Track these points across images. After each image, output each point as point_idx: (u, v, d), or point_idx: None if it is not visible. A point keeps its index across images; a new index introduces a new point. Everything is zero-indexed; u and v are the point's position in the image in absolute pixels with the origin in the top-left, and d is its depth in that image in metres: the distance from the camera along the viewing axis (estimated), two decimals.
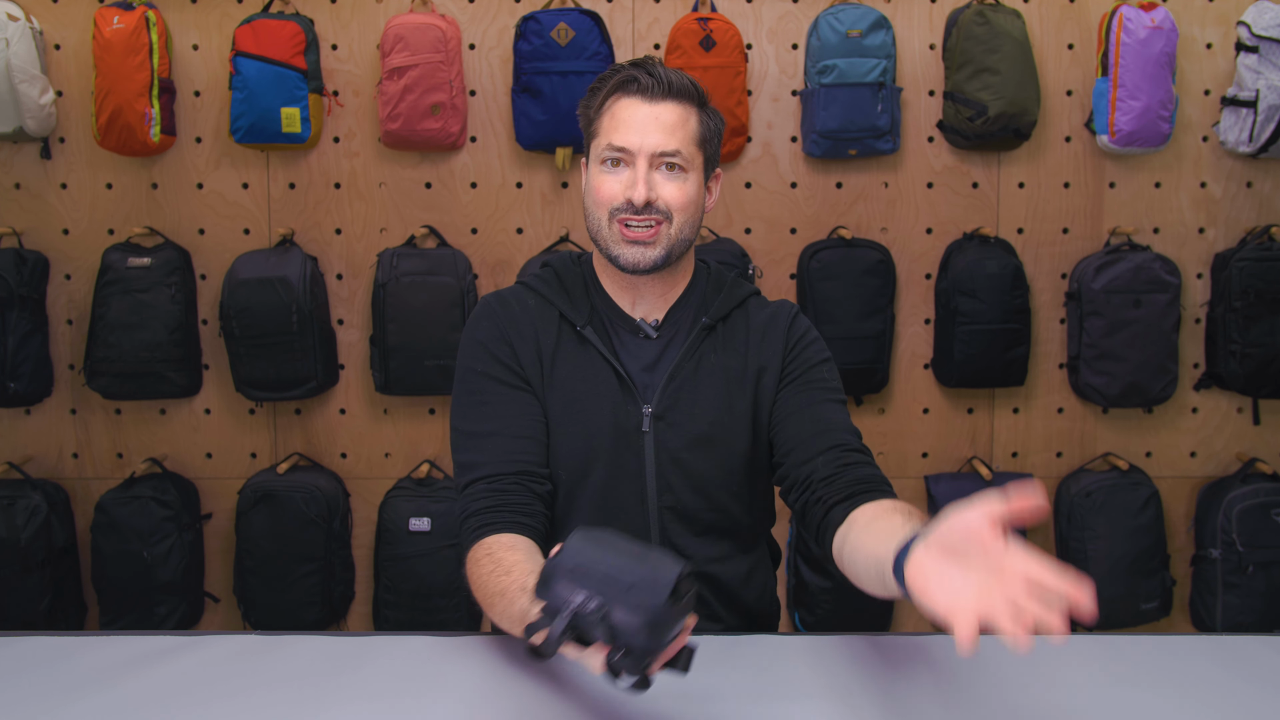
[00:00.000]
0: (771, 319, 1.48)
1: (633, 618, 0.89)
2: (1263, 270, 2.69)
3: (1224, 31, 2.77)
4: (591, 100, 1.44)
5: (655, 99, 1.39)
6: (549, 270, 1.53)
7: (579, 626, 0.90)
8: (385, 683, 1.20)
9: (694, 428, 1.42)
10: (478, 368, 1.43)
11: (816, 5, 2.74)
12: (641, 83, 1.39)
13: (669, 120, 1.38)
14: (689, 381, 1.43)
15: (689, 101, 1.41)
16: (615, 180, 1.39)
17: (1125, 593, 2.73)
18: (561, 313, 1.45)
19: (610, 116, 1.40)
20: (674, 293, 1.48)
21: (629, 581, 0.90)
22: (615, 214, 1.38)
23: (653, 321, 1.47)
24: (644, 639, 0.89)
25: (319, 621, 2.73)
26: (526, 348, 1.43)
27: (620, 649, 0.90)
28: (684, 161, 1.39)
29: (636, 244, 1.38)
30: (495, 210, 2.81)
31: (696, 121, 1.41)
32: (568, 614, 0.90)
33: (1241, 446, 2.87)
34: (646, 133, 1.37)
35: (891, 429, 2.87)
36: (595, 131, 1.43)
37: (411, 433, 2.86)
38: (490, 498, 1.34)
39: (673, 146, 1.37)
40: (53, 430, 2.88)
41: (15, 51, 2.60)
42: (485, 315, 1.47)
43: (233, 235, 2.82)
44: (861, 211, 2.82)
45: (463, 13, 2.77)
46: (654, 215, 1.37)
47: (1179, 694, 1.15)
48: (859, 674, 1.21)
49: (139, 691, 1.17)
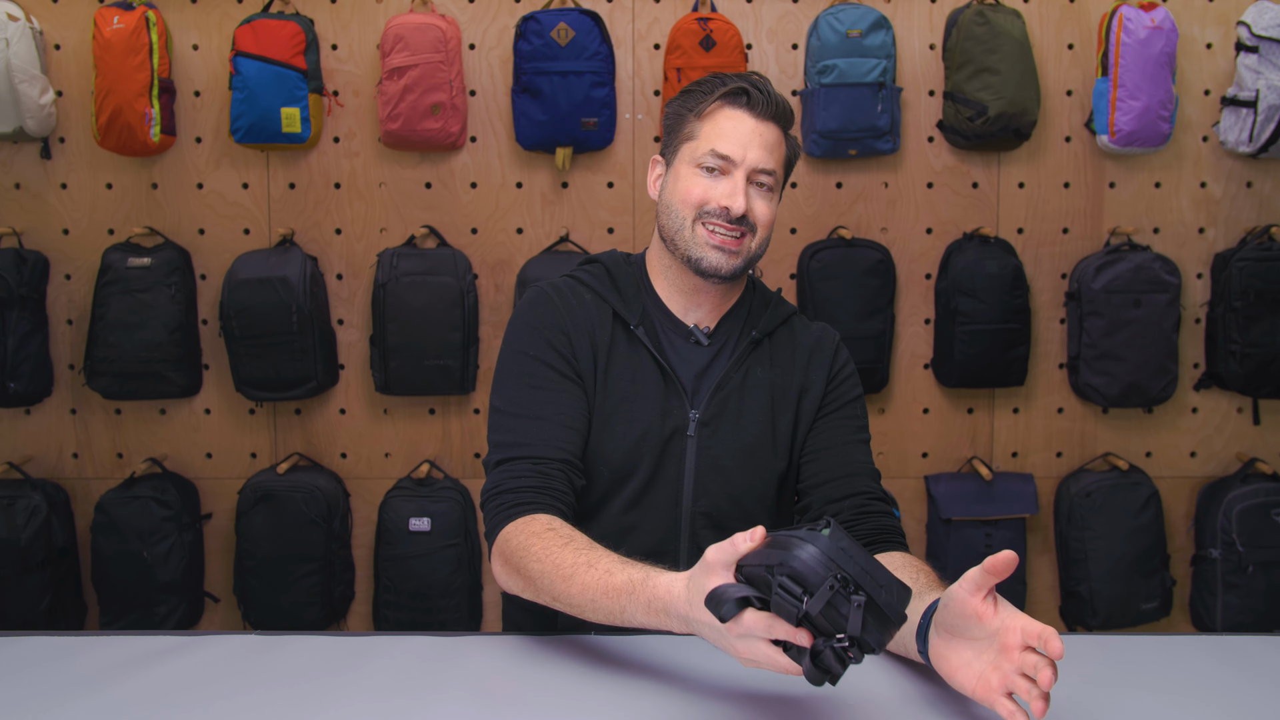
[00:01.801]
0: (818, 343, 1.53)
1: (886, 613, 0.90)
2: (1263, 270, 2.69)
3: (1224, 31, 2.77)
4: (690, 101, 1.46)
5: (762, 117, 1.42)
6: (599, 267, 1.54)
7: (836, 607, 0.90)
8: (385, 683, 1.20)
9: (738, 438, 1.45)
10: (531, 351, 1.44)
11: (816, 5, 2.74)
12: (752, 98, 1.41)
13: (771, 139, 1.42)
14: (736, 392, 1.46)
15: (786, 126, 1.46)
16: (712, 185, 1.41)
17: (1125, 593, 2.73)
18: (615, 311, 1.47)
19: (714, 123, 1.42)
20: (728, 303, 1.51)
21: (885, 580, 0.92)
22: (703, 217, 1.41)
23: (705, 328, 1.49)
24: (880, 637, 0.91)
25: (319, 621, 2.73)
26: (582, 341, 1.45)
27: (845, 640, 0.90)
28: (774, 182, 1.44)
29: (722, 250, 1.41)
30: (495, 210, 2.81)
31: (786, 145, 1.46)
32: (831, 589, 0.89)
33: (1241, 446, 2.87)
34: (751, 147, 1.40)
35: (891, 429, 2.87)
36: (693, 134, 1.44)
37: (411, 433, 2.86)
38: (536, 478, 1.35)
39: (771, 165, 1.42)
40: (53, 430, 2.88)
41: (15, 51, 2.60)
42: (543, 303, 1.47)
43: (233, 235, 2.82)
44: (861, 211, 2.82)
45: (463, 13, 2.77)
46: (743, 227, 1.41)
47: (1179, 694, 1.15)
48: (859, 674, 1.21)
49: (139, 691, 1.17)
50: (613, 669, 1.21)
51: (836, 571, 0.90)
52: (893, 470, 2.87)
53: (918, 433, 2.87)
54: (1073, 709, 1.12)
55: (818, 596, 0.89)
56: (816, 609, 0.89)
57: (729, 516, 1.44)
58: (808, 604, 0.90)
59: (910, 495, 2.87)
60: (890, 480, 2.84)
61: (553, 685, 1.18)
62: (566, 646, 1.28)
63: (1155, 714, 1.11)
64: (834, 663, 0.91)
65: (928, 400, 2.87)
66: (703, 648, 1.25)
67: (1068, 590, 2.79)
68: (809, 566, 0.90)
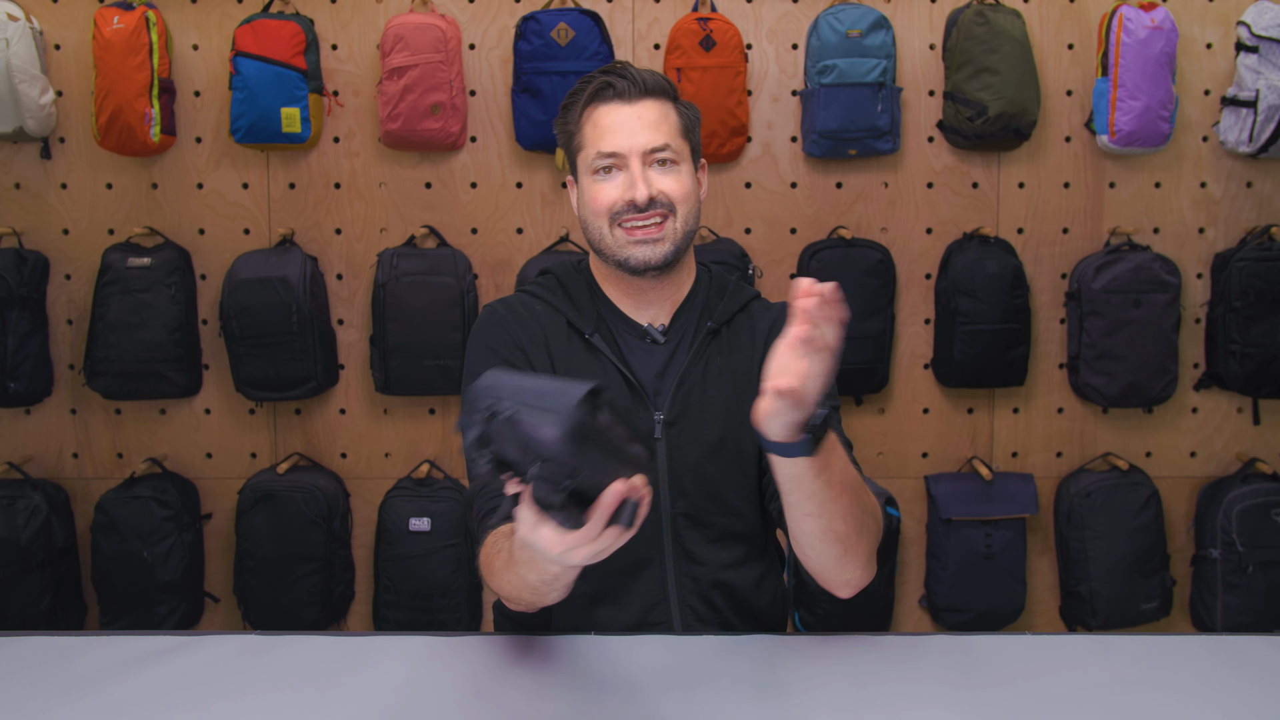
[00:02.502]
0: (776, 321, 1.48)
1: (543, 420, 0.87)
2: (1263, 270, 2.69)
3: (1224, 31, 2.77)
4: (568, 115, 1.45)
5: (634, 99, 1.40)
6: (550, 277, 1.52)
7: (492, 439, 0.89)
8: (385, 683, 1.19)
9: (706, 433, 1.42)
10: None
11: (816, 5, 2.74)
12: (617, 87, 1.40)
13: (652, 117, 1.40)
14: (698, 386, 1.43)
15: (665, 97, 1.43)
16: (611, 186, 1.40)
17: (1125, 593, 2.73)
18: (569, 320, 1.45)
19: (593, 126, 1.41)
20: (679, 295, 1.48)
21: (542, 390, 0.90)
22: (617, 218, 1.39)
23: (659, 326, 1.47)
24: (555, 445, 0.87)
25: (319, 621, 2.73)
26: (539, 354, 1.43)
27: (535, 459, 0.89)
28: (674, 154, 1.40)
29: (645, 243, 1.39)
30: (495, 210, 2.81)
31: (676, 114, 1.43)
32: (478, 425, 0.89)
33: (1241, 446, 2.87)
34: (634, 133, 1.39)
35: (891, 429, 2.87)
36: (580, 144, 1.44)
37: (411, 433, 2.86)
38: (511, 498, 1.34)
39: (661, 141, 1.39)
40: (53, 430, 2.88)
41: (15, 51, 2.60)
42: (494, 321, 1.46)
43: (233, 235, 2.82)
44: (861, 211, 2.82)
45: (463, 13, 2.77)
46: (658, 210, 1.39)
47: (1179, 694, 1.15)
48: (859, 674, 1.21)
49: (139, 691, 1.17)
50: (612, 669, 1.21)
51: (485, 410, 0.90)
52: (893, 470, 2.87)
53: (918, 433, 2.87)
54: (1073, 709, 1.12)
55: (468, 434, 0.90)
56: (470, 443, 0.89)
57: (710, 513, 1.42)
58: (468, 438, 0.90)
59: (910, 495, 2.87)
60: (890, 480, 2.85)
61: (552, 685, 1.18)
62: (566, 646, 1.28)
63: (1155, 714, 1.11)
64: (545, 491, 0.90)
65: (928, 400, 2.87)
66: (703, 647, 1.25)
67: (1068, 590, 2.79)
68: (467, 414, 0.91)
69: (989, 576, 2.75)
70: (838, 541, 1.22)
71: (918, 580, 2.89)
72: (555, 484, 0.90)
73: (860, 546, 1.25)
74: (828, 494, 1.18)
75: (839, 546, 1.23)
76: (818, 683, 1.18)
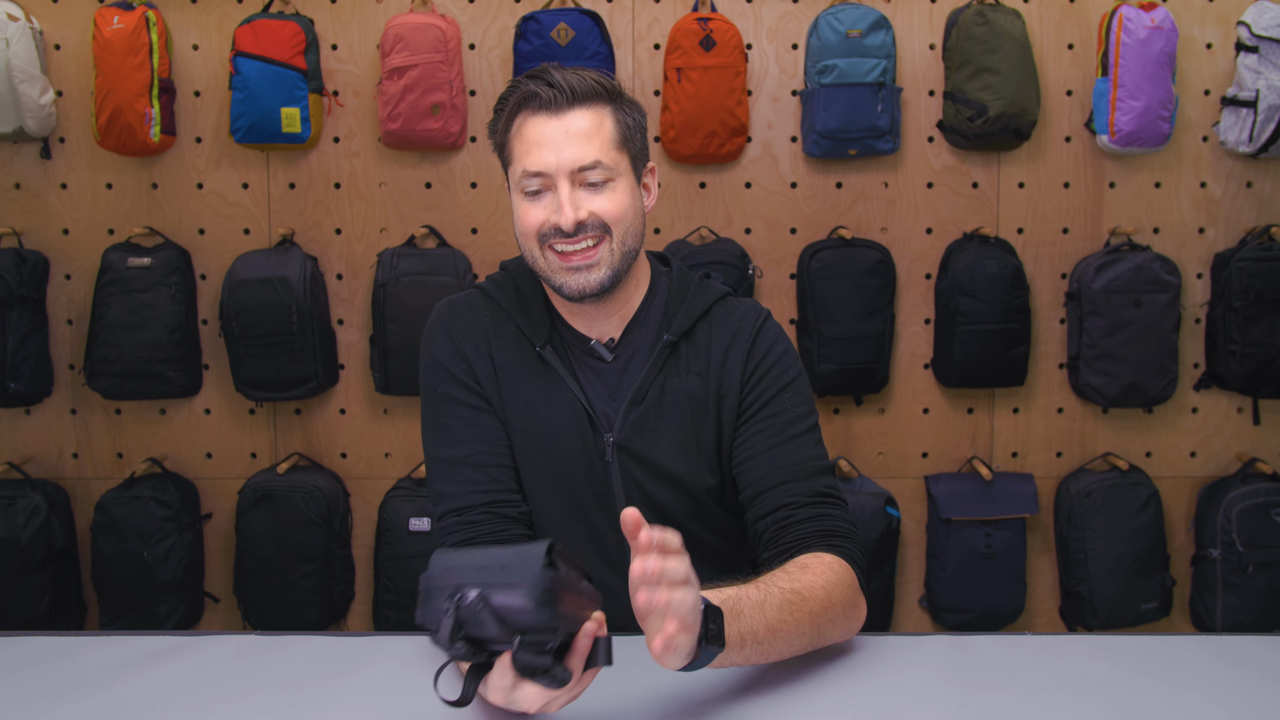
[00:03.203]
0: (734, 337, 1.36)
1: (514, 594, 0.87)
2: (1263, 270, 2.69)
3: (1224, 31, 2.77)
4: (495, 124, 1.33)
5: (561, 110, 1.26)
6: (507, 278, 1.41)
7: (466, 624, 0.88)
8: (385, 683, 1.20)
9: (657, 460, 1.34)
10: (438, 388, 1.37)
11: (816, 5, 2.74)
12: (542, 96, 1.26)
13: (582, 129, 1.26)
14: (653, 409, 1.34)
15: (599, 102, 1.28)
16: (539, 207, 1.28)
17: (1125, 593, 2.73)
18: (519, 328, 1.37)
19: (519, 140, 1.28)
20: (629, 308, 1.37)
21: (500, 563, 0.89)
22: (545, 240, 1.28)
23: (608, 341, 1.36)
24: (533, 614, 0.87)
25: (319, 621, 2.73)
26: (483, 364, 1.36)
27: (516, 636, 0.88)
28: (607, 170, 1.27)
29: (578, 269, 1.27)
30: (495, 210, 2.81)
31: (612, 122, 1.29)
32: (450, 613, 0.87)
33: (1241, 446, 2.87)
34: (561, 149, 1.25)
35: (891, 429, 2.87)
36: (509, 158, 1.31)
37: (411, 433, 2.86)
38: (462, 531, 1.30)
39: (591, 158, 1.26)
40: (53, 430, 2.88)
41: (15, 51, 2.60)
42: (439, 329, 1.39)
43: (233, 235, 2.82)
44: (861, 211, 2.82)
45: (463, 13, 2.77)
46: (589, 234, 1.27)
47: (1179, 694, 1.15)
48: (859, 674, 1.21)
49: (139, 691, 1.17)
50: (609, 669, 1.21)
51: (447, 596, 0.89)
52: (893, 470, 2.87)
53: (918, 433, 2.87)
54: (1073, 709, 1.12)
55: (443, 629, 0.88)
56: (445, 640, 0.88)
57: None
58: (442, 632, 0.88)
59: (910, 495, 2.87)
60: (890, 480, 2.85)
61: None
62: None
63: (1155, 714, 1.11)
64: (532, 659, 0.90)
65: (928, 400, 2.87)
66: None
67: (1068, 590, 2.79)
68: (427, 612, 0.90)
69: (989, 576, 2.75)
70: (806, 646, 1.18)
71: (918, 580, 2.89)
72: (539, 649, 0.90)
73: (831, 627, 1.20)
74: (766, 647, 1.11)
75: (808, 645, 1.18)
76: (817, 682, 1.18)
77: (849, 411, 2.83)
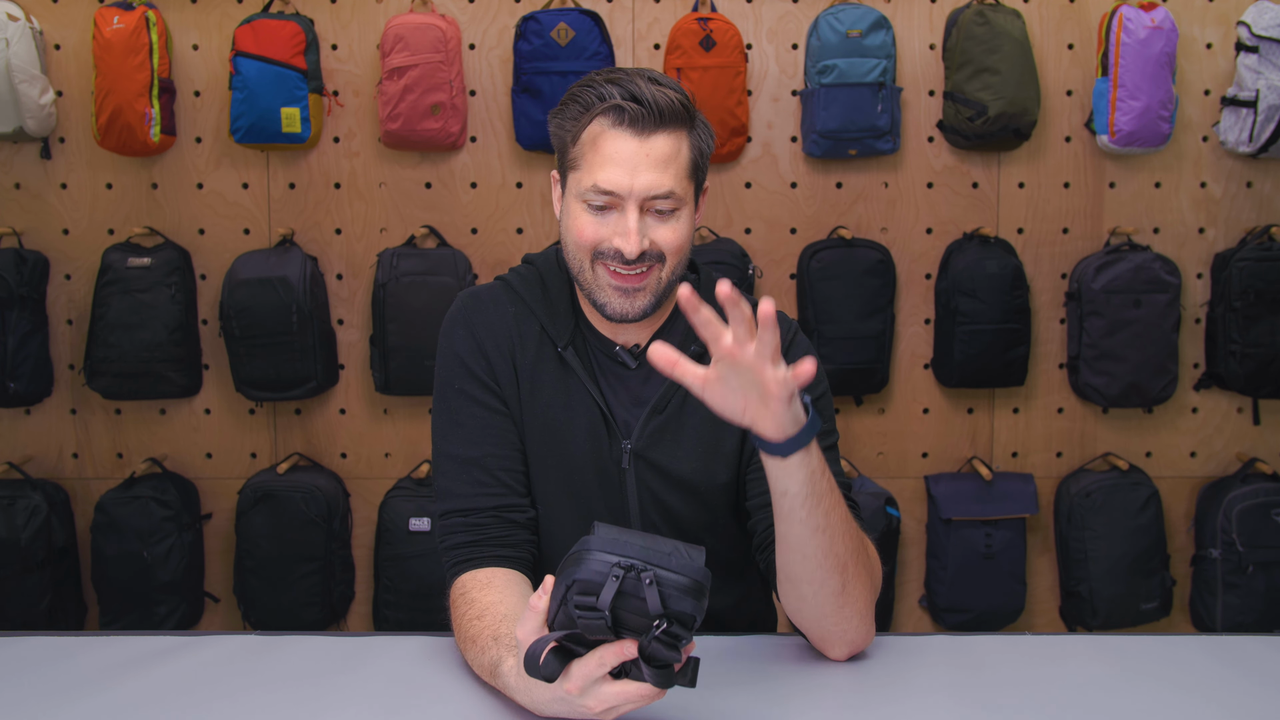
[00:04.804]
0: None
1: (679, 580, 0.88)
2: (1263, 270, 2.69)
3: (1224, 31, 2.77)
4: (567, 121, 1.27)
5: (645, 131, 1.22)
6: (533, 272, 1.38)
7: (628, 593, 0.88)
8: (385, 683, 1.20)
9: (676, 470, 1.32)
10: (455, 384, 1.34)
11: (816, 5, 2.74)
12: (630, 113, 1.21)
13: (662, 154, 1.22)
14: (674, 419, 1.32)
15: (681, 126, 1.25)
16: (601, 224, 1.24)
17: (1125, 593, 2.73)
18: (543, 326, 1.34)
19: (594, 150, 1.23)
20: (659, 317, 1.36)
21: (667, 550, 0.90)
22: (600, 258, 1.25)
23: (633, 348, 1.34)
24: (690, 604, 0.88)
25: (319, 621, 2.73)
26: (503, 363, 1.33)
27: (661, 623, 0.88)
28: (677, 200, 1.24)
29: (625, 291, 1.25)
30: (495, 210, 2.81)
31: (688, 148, 1.25)
32: (617, 579, 0.88)
33: (1241, 446, 2.87)
34: (638, 173, 1.21)
35: (891, 429, 2.87)
36: (574, 162, 1.26)
37: (411, 433, 2.86)
38: (466, 532, 1.29)
39: (667, 187, 1.22)
40: (53, 430, 2.88)
41: (15, 51, 2.60)
42: (460, 321, 1.36)
43: (233, 235, 2.82)
44: (861, 211, 2.82)
45: (463, 13, 2.77)
46: (645, 262, 1.25)
47: (1179, 694, 1.15)
48: (859, 674, 1.21)
49: (139, 691, 1.17)
50: None
51: (615, 562, 0.89)
52: (893, 470, 2.87)
53: (918, 433, 2.87)
54: (1073, 709, 1.12)
55: (605, 590, 0.88)
56: (607, 602, 0.88)
57: None
58: (601, 598, 0.88)
59: (910, 495, 2.87)
60: (890, 480, 2.85)
61: None
62: None
63: (1155, 714, 1.11)
64: (664, 651, 0.90)
65: (928, 400, 2.87)
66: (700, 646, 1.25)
67: (1068, 590, 2.79)
68: (590, 571, 0.89)
69: (989, 576, 2.75)
70: (838, 570, 1.13)
71: (918, 580, 2.89)
72: (674, 642, 0.90)
73: (860, 580, 1.16)
74: (831, 500, 1.10)
75: (839, 577, 1.14)
76: (817, 683, 1.18)
77: (849, 411, 2.83)
